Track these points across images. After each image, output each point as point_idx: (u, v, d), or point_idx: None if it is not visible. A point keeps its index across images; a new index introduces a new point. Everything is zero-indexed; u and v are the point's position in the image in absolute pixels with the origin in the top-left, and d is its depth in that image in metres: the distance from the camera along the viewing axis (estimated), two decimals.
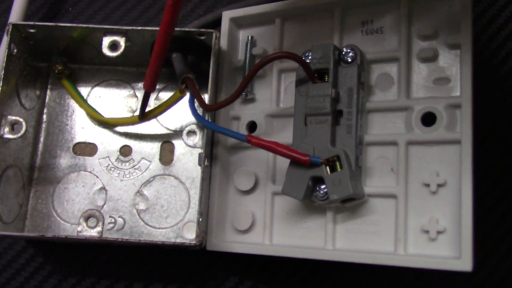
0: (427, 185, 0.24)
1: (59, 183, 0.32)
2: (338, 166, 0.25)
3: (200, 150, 0.29)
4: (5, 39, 0.29)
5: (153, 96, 0.33)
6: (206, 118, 0.29)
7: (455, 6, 0.26)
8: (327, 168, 0.25)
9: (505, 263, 0.29)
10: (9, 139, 0.29)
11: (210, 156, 0.29)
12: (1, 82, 0.29)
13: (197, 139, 0.30)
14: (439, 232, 0.24)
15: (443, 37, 0.26)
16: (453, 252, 0.23)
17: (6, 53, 0.29)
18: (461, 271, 0.22)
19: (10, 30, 0.29)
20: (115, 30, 0.30)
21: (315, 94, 0.26)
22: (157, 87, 0.33)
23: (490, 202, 0.30)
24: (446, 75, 0.25)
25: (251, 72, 0.26)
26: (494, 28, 0.33)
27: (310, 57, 0.27)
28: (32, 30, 0.30)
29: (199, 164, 0.28)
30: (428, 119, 0.25)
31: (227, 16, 0.31)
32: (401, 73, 0.26)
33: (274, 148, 0.26)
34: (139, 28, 0.30)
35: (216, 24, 0.32)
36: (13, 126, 0.29)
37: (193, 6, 0.35)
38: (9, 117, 0.29)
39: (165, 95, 0.33)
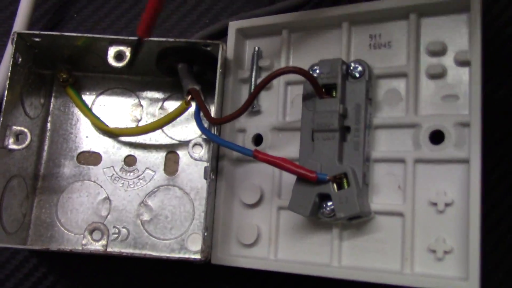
0: (435, 204, 0.24)
1: (63, 192, 0.32)
2: (345, 183, 0.25)
3: (205, 164, 0.29)
4: (10, 48, 0.29)
5: (157, 105, 0.33)
6: (212, 131, 0.28)
7: (464, 22, 0.25)
8: (334, 185, 0.25)
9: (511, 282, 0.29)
10: (14, 150, 0.29)
11: (216, 169, 0.29)
12: (6, 92, 0.28)
13: (202, 152, 0.30)
14: (446, 252, 0.24)
15: (452, 53, 0.26)
16: (460, 272, 0.23)
17: (11, 63, 0.29)
18: None
19: (15, 39, 0.29)
20: (120, 40, 0.30)
21: (323, 109, 0.26)
22: (161, 96, 0.33)
23: (496, 222, 0.29)
24: (454, 93, 0.25)
25: (258, 87, 0.26)
26: (504, 42, 0.32)
27: (317, 71, 0.27)
28: (37, 39, 0.30)
29: (205, 178, 0.28)
30: (436, 137, 0.25)
31: (233, 26, 0.30)
32: (409, 89, 0.26)
33: (281, 164, 0.26)
34: (146, 39, 0.30)
35: (222, 34, 0.32)
36: (18, 137, 0.29)
37: (199, 15, 0.35)
38: (14, 127, 0.29)
39: (170, 105, 0.33)
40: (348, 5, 0.28)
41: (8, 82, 0.28)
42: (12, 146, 0.29)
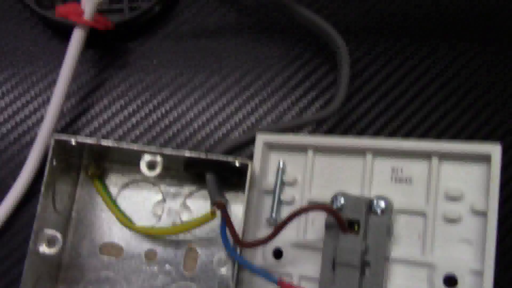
0: None
1: (85, 282, 0.33)
2: None
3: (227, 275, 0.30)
4: (49, 154, 0.30)
5: (179, 201, 0.34)
6: (237, 252, 0.30)
7: (484, 172, 0.27)
8: None
9: None
10: (47, 255, 0.30)
11: (237, 281, 0.30)
12: (41, 198, 0.29)
13: (225, 269, 0.32)
14: None
15: (469, 201, 0.27)
16: None
17: (47, 169, 0.30)
18: None
19: (52, 145, 0.30)
20: (152, 152, 0.31)
21: (346, 245, 0.27)
22: (185, 191, 0.34)
23: None
24: (469, 239, 0.27)
25: (283, 223, 0.28)
26: None
27: (341, 202, 0.28)
28: (73, 143, 0.31)
29: None
30: (450, 281, 0.27)
31: (261, 139, 0.32)
32: (426, 229, 0.28)
33: None
34: (177, 153, 0.31)
35: (248, 143, 0.33)
36: (49, 241, 0.30)
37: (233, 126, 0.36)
38: (46, 230, 0.30)
39: (192, 203, 0.34)
40: (373, 140, 0.29)
41: (43, 188, 0.30)
42: (45, 251, 0.30)
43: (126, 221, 0.33)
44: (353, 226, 0.28)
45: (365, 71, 0.36)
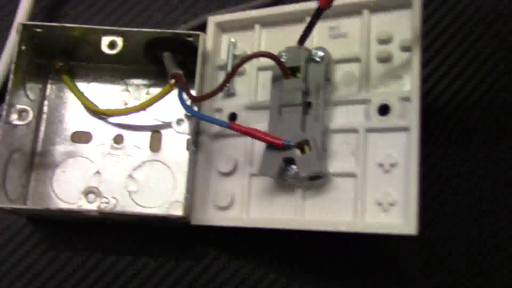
0: (382, 165, 0.29)
1: (58, 167, 0.35)
2: (307, 149, 0.29)
3: (187, 137, 0.33)
4: (15, 38, 0.33)
5: (144, 91, 0.37)
6: (193, 108, 0.33)
7: (407, 16, 0.30)
8: (298, 150, 0.29)
9: (446, 228, 0.34)
10: (18, 126, 0.33)
11: (196, 143, 0.33)
12: (12, 75, 0.32)
13: (185, 127, 0.34)
14: (391, 204, 0.28)
15: (397, 41, 0.30)
16: (402, 219, 0.27)
17: (16, 50, 0.33)
18: (408, 235, 0.26)
19: (20, 29, 0.33)
20: (113, 31, 0.34)
21: (288, 88, 0.30)
22: (147, 83, 0.37)
23: (433, 178, 0.35)
24: (399, 73, 0.30)
25: (234, 68, 0.30)
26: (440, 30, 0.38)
27: (284, 57, 0.31)
28: (38, 30, 0.33)
29: (187, 149, 0.32)
30: (384, 110, 0.30)
31: (212, 20, 0.35)
32: (361, 72, 0.31)
33: (252, 133, 0.30)
34: (136, 29, 0.34)
35: (202, 28, 0.36)
36: (21, 114, 0.33)
37: (182, 11, 0.39)
38: (17, 105, 0.33)
39: (155, 91, 0.37)
40: (310, 2, 0.32)
41: (13, 66, 0.32)
42: (16, 122, 0.33)
43: (94, 106, 0.36)
44: (295, 73, 0.31)
45: None
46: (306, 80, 0.30)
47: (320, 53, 0.31)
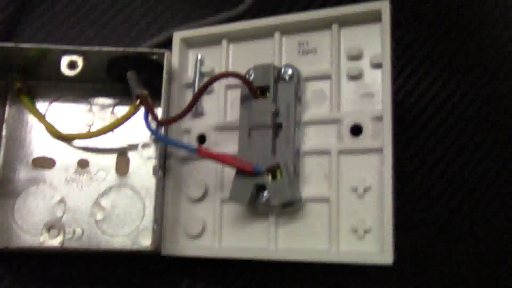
0: (355, 190, 0.28)
1: (19, 196, 0.33)
2: (278, 174, 0.28)
3: (154, 162, 0.31)
4: None
5: (108, 111, 0.35)
6: (160, 132, 0.31)
7: (377, 31, 0.29)
8: (269, 176, 0.28)
9: (422, 256, 0.33)
10: None
11: (164, 167, 0.32)
12: None
13: (151, 151, 0.33)
14: (365, 231, 0.27)
15: (368, 58, 0.29)
16: (377, 248, 0.26)
17: None
18: (383, 264, 0.25)
19: None
20: (73, 50, 0.32)
21: (258, 109, 0.29)
22: (112, 102, 0.35)
23: (409, 201, 0.33)
24: (370, 91, 0.29)
25: (200, 89, 0.29)
26: (413, 49, 0.36)
27: (252, 76, 0.30)
28: None
29: (153, 175, 0.31)
30: (356, 130, 0.28)
31: (178, 36, 0.33)
32: (332, 90, 0.29)
33: (221, 159, 0.28)
34: (96, 48, 0.32)
35: (167, 43, 0.34)
36: None
37: (147, 25, 0.37)
38: None
39: (120, 110, 0.35)
40: (278, 16, 0.31)
41: None
42: None
43: (55, 131, 0.34)
44: (264, 92, 0.29)
45: None
46: (276, 100, 0.29)
47: (290, 71, 0.30)
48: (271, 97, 0.29)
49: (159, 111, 0.32)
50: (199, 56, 0.33)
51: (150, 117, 0.31)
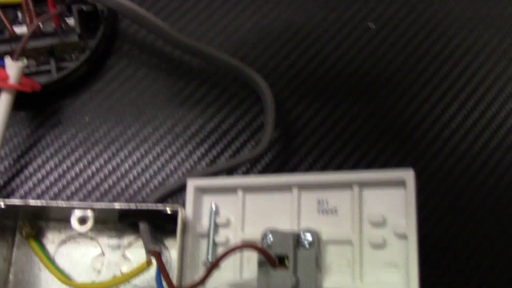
0: None
1: None
2: None
3: None
4: None
5: (119, 253, 0.34)
6: None
7: (401, 197, 0.28)
8: None
9: None
10: None
11: None
12: None
13: None
14: None
15: (392, 225, 0.28)
16: None
17: None
18: None
19: None
20: (83, 207, 0.31)
21: (277, 280, 0.28)
22: (123, 243, 0.34)
23: None
24: (395, 262, 0.28)
25: (215, 262, 0.28)
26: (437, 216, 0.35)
27: (271, 239, 0.29)
28: (2, 206, 0.31)
29: None
30: None
31: (192, 184, 0.33)
32: (354, 258, 0.28)
33: None
34: (108, 205, 0.31)
35: (181, 189, 0.34)
36: None
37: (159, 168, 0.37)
38: None
39: (131, 253, 0.34)
40: (298, 175, 0.30)
41: None
42: None
43: (64, 279, 0.33)
44: (283, 261, 0.28)
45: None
46: (296, 269, 0.28)
47: (310, 238, 0.29)
48: (291, 269, 0.28)
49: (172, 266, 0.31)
50: (213, 207, 0.32)
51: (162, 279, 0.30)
